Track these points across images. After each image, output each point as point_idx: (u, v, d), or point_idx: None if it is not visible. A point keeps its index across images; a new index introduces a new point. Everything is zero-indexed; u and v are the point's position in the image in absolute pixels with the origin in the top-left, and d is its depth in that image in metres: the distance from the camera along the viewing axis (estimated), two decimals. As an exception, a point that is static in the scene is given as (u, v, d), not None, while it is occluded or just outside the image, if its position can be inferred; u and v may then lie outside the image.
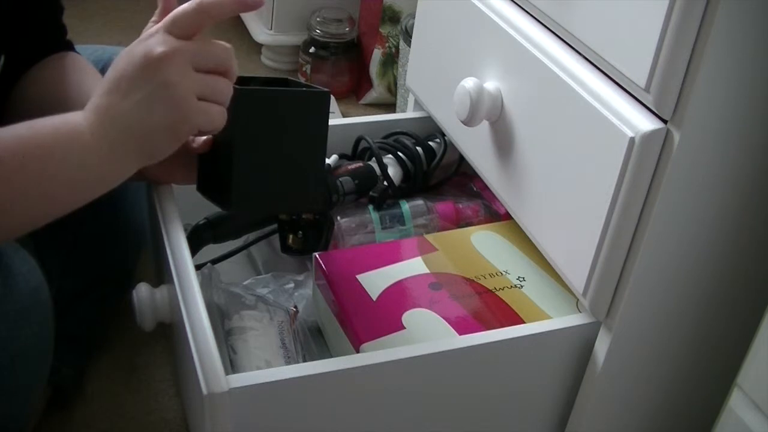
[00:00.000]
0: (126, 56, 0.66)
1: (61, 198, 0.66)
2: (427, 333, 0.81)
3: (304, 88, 0.78)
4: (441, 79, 0.98)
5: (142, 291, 0.79)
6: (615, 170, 0.69)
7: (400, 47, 1.49)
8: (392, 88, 1.59)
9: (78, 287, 0.94)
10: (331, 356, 0.85)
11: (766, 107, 0.67)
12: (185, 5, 0.67)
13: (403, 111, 1.39)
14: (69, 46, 0.91)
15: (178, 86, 0.64)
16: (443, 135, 1.03)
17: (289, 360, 0.82)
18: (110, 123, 0.65)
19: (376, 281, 0.87)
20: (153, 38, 0.66)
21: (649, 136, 0.67)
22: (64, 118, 0.66)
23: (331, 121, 0.83)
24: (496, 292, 0.87)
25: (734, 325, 0.79)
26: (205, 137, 0.77)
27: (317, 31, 1.58)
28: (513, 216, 0.87)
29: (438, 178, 1.06)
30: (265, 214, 0.98)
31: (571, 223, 0.76)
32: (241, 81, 0.77)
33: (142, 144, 0.67)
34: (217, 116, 0.68)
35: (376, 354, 0.73)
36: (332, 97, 1.55)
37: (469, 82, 0.83)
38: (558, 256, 0.79)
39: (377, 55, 1.56)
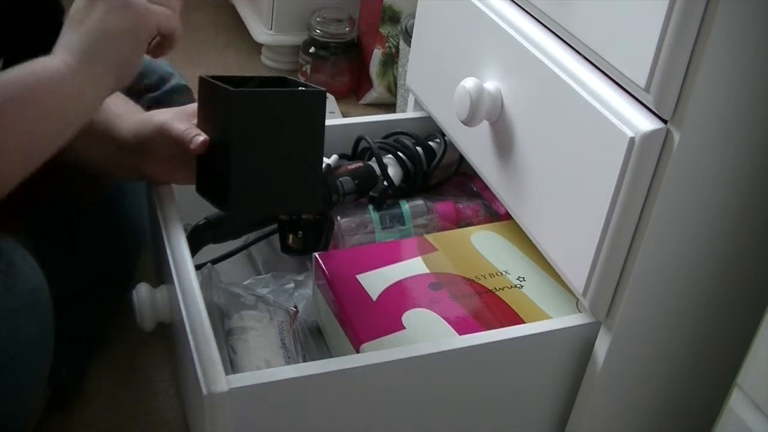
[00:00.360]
0: None
1: (49, 130, 0.68)
2: (427, 333, 0.81)
3: (301, 88, 0.78)
4: (441, 79, 0.98)
5: (142, 291, 0.79)
6: (615, 170, 0.69)
7: (400, 47, 1.48)
8: (392, 88, 1.58)
9: (78, 287, 0.94)
10: (331, 356, 0.85)
11: (766, 107, 0.67)
12: None
13: (403, 111, 1.38)
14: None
15: None
16: (443, 135, 1.03)
17: (289, 360, 0.82)
18: (75, 44, 0.70)
19: (376, 281, 0.87)
20: None
21: (649, 136, 0.67)
22: (36, 60, 0.70)
23: (331, 121, 0.83)
24: (496, 292, 0.87)
25: (734, 325, 0.79)
26: (202, 138, 0.77)
27: (317, 31, 1.58)
28: (513, 216, 0.87)
29: (438, 178, 1.05)
30: (265, 214, 0.98)
31: (571, 223, 0.76)
32: (240, 81, 0.77)
33: (108, 54, 0.71)
34: (173, 17, 0.74)
35: (376, 354, 0.73)
36: (332, 97, 1.55)
37: (469, 82, 0.83)
38: (558, 256, 0.79)
39: (377, 55, 1.56)
